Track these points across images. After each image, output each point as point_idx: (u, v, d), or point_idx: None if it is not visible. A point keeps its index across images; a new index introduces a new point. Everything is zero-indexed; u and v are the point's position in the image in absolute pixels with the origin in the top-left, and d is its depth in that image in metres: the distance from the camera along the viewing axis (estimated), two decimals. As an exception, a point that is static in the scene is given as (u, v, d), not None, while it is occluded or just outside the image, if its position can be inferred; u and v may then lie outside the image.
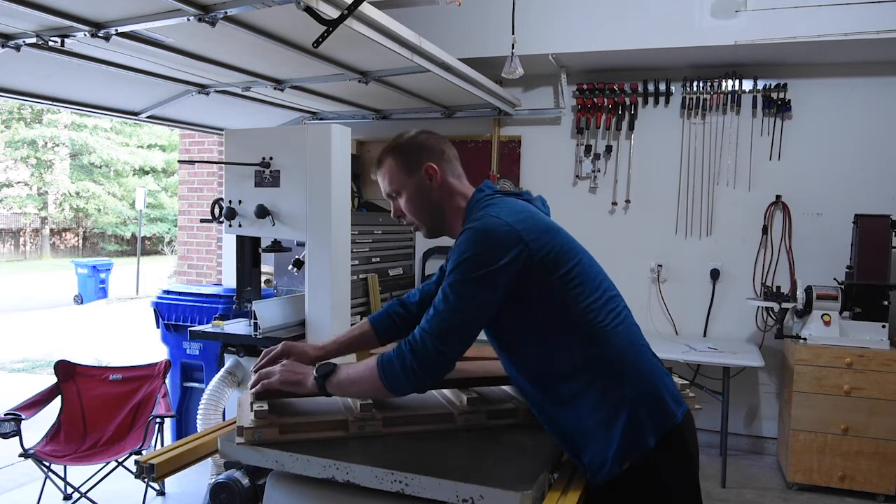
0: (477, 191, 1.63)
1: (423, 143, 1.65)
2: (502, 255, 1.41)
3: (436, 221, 1.66)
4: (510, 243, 1.42)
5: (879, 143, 4.14)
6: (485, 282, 1.41)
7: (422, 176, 1.61)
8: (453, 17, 4.37)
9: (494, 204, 1.53)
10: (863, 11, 3.61)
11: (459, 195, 1.64)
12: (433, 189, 1.62)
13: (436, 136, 1.69)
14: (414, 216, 1.66)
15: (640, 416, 1.41)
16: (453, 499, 1.31)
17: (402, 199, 1.65)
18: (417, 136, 1.67)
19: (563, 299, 1.45)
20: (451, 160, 1.66)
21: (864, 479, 3.63)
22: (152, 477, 1.56)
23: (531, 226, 1.46)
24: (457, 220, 1.63)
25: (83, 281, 12.76)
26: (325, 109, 4.88)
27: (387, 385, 1.47)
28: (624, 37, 4.11)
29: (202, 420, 2.86)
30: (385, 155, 1.66)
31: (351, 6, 2.37)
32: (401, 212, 1.67)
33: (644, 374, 1.46)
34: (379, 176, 1.68)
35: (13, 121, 20.08)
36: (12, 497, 3.60)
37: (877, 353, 3.61)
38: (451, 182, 1.64)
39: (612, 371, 1.44)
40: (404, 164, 1.63)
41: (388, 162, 1.65)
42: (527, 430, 1.66)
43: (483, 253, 1.41)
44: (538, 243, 1.44)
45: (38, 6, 2.39)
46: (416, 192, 1.63)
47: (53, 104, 3.87)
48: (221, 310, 3.66)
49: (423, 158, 1.62)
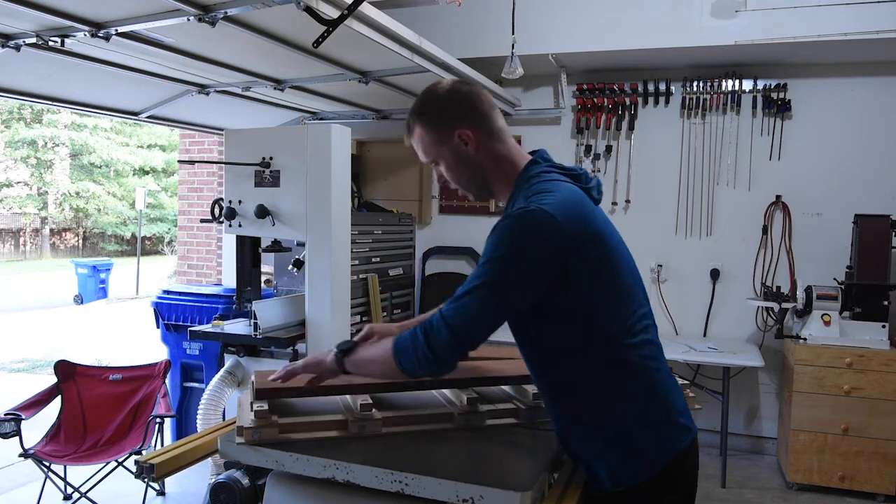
0: (532, 162, 1.48)
1: (451, 104, 1.48)
2: (541, 254, 1.30)
3: (481, 188, 1.53)
4: (553, 243, 1.30)
5: (879, 143, 4.14)
6: (516, 278, 1.32)
7: (455, 142, 1.47)
8: (453, 17, 4.37)
9: (548, 190, 1.38)
10: (863, 11, 3.61)
11: (504, 159, 1.49)
12: (471, 154, 1.47)
13: (465, 90, 1.49)
14: (457, 183, 1.54)
15: (647, 442, 1.39)
16: (453, 499, 1.31)
17: (442, 168, 1.53)
18: (444, 95, 1.49)
19: (591, 311, 1.38)
20: (486, 115, 1.48)
21: (864, 479, 3.63)
22: (152, 477, 1.56)
23: (580, 225, 1.34)
24: (503, 185, 1.49)
25: (83, 281, 12.76)
26: (325, 109, 4.88)
27: (401, 367, 1.40)
28: (624, 37, 4.11)
29: (202, 420, 2.86)
30: (413, 122, 1.52)
31: (351, 6, 2.37)
32: (444, 178, 1.55)
33: (658, 400, 1.41)
34: (412, 143, 1.55)
35: (13, 121, 20.07)
36: (12, 497, 3.60)
37: (877, 353, 3.61)
38: (492, 145, 1.47)
39: (626, 392, 1.39)
40: (434, 131, 1.48)
41: (416, 130, 1.51)
42: (527, 430, 1.66)
43: (521, 248, 1.31)
44: (582, 249, 1.34)
45: (38, 6, 2.38)
46: (454, 160, 1.49)
47: (53, 104, 3.86)
48: (221, 310, 3.66)
49: (455, 122, 1.46)
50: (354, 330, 3.83)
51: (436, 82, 1.54)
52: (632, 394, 1.39)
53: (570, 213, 1.34)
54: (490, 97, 1.51)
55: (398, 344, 1.41)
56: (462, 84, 1.52)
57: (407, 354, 1.39)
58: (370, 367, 1.50)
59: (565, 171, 1.48)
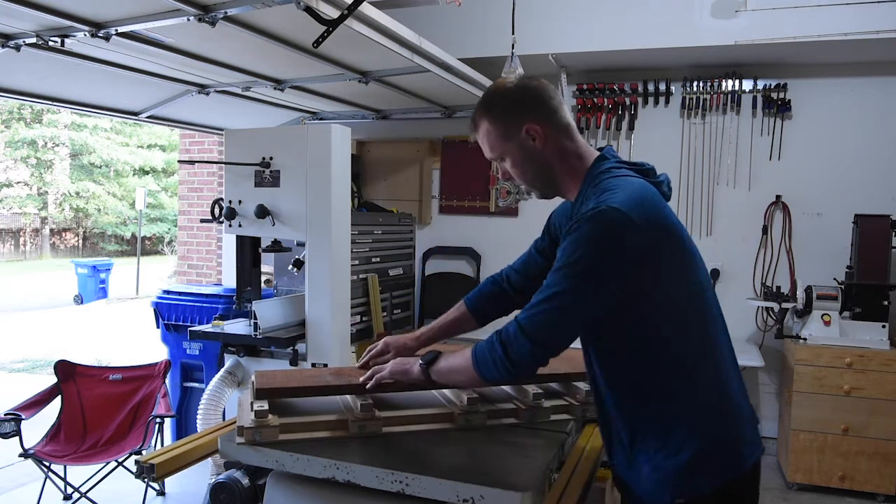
0: (599, 158, 1.45)
1: (519, 100, 1.44)
2: (617, 254, 1.27)
3: (547, 185, 1.50)
4: (628, 242, 1.27)
5: (879, 143, 4.14)
6: (593, 282, 1.28)
7: (523, 137, 1.43)
8: (453, 17, 4.36)
9: (618, 187, 1.34)
10: (863, 11, 3.61)
11: (572, 155, 1.45)
12: (539, 150, 1.44)
13: (533, 85, 1.46)
14: (522, 180, 1.50)
15: (708, 458, 1.32)
16: (453, 499, 1.31)
17: (507, 164, 1.49)
18: (513, 90, 1.46)
19: (667, 312, 1.34)
20: (555, 111, 1.44)
21: (864, 479, 3.63)
22: (152, 477, 1.56)
23: (654, 222, 1.30)
24: (571, 182, 1.46)
25: (83, 281, 12.76)
26: (325, 109, 4.88)
27: (482, 376, 1.42)
28: (624, 37, 4.11)
29: (202, 420, 2.86)
30: (479, 117, 1.48)
31: (351, 6, 2.37)
32: (509, 176, 1.52)
33: (725, 413, 1.36)
34: (477, 139, 1.51)
35: (13, 121, 20.07)
36: (12, 497, 3.60)
37: (877, 353, 3.61)
38: (560, 140, 1.44)
39: (693, 403, 1.34)
40: (501, 126, 1.45)
41: (483, 125, 1.48)
42: (527, 430, 1.66)
43: (597, 250, 1.28)
44: (657, 247, 1.31)
45: (38, 6, 2.39)
46: (521, 156, 1.45)
47: (53, 104, 3.87)
48: (221, 310, 3.66)
49: (523, 117, 1.43)
50: (355, 330, 3.86)
51: (503, 78, 1.50)
52: (701, 401, 1.35)
53: (644, 209, 1.30)
54: (558, 93, 1.48)
55: (477, 354, 1.42)
56: (530, 79, 1.49)
57: (487, 365, 1.39)
58: (454, 377, 1.52)
59: (634, 166, 1.45)
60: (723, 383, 1.38)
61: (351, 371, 1.87)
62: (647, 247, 1.28)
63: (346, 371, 1.89)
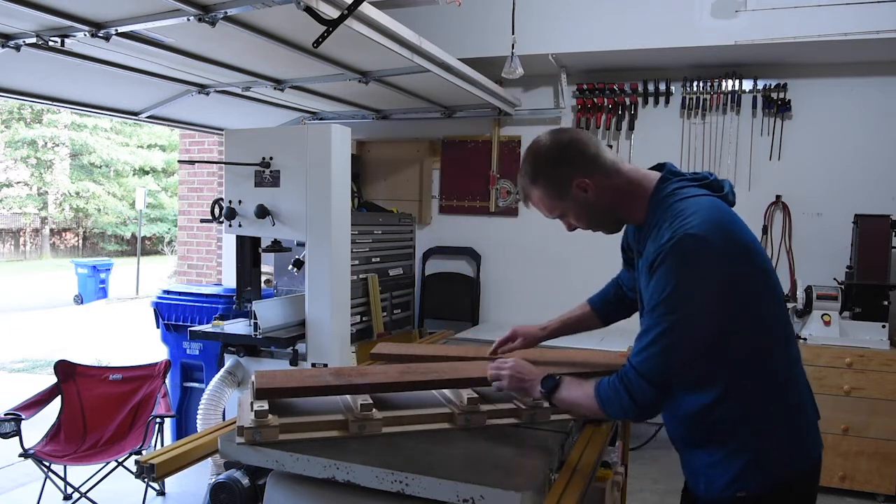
0: (661, 180, 1.46)
1: (560, 159, 1.47)
2: (707, 279, 1.31)
3: (612, 223, 1.56)
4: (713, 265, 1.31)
5: (879, 143, 4.14)
6: (691, 315, 1.33)
7: (575, 192, 1.47)
8: (453, 17, 4.36)
9: (689, 209, 1.36)
10: (863, 11, 3.61)
11: (626, 190, 1.48)
12: (594, 198, 1.48)
13: (567, 139, 1.50)
14: (590, 228, 1.56)
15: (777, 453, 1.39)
16: (453, 499, 1.31)
17: (571, 218, 1.54)
18: (551, 150, 1.49)
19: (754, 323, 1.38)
20: (595, 158, 1.46)
21: (864, 479, 3.63)
22: (152, 477, 1.56)
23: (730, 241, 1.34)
24: (635, 212, 1.49)
25: (83, 281, 12.76)
26: (325, 109, 4.88)
27: (608, 415, 1.48)
28: (624, 37, 4.11)
29: (202, 420, 2.86)
30: (528, 186, 1.53)
31: (351, 6, 2.37)
32: (574, 227, 1.57)
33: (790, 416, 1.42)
34: (534, 206, 1.56)
35: (13, 121, 20.07)
36: (12, 497, 3.60)
37: (877, 353, 3.61)
38: (610, 182, 1.47)
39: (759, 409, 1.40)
40: (552, 189, 1.49)
41: (534, 193, 1.52)
42: (527, 430, 1.66)
43: (686, 281, 1.32)
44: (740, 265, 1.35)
45: (38, 6, 2.39)
46: (579, 209, 1.50)
47: (53, 104, 3.87)
48: (221, 310, 3.66)
49: (570, 175, 1.46)
50: (355, 330, 3.86)
51: (535, 140, 1.53)
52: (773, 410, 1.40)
53: (720, 230, 1.33)
54: (591, 136, 1.52)
55: (601, 394, 1.45)
56: (561, 134, 1.53)
57: (612, 405, 1.44)
58: (577, 410, 1.59)
59: (697, 181, 1.47)
60: (798, 391, 1.45)
61: (351, 371, 1.88)
62: (730, 265, 1.33)
63: (346, 371, 1.89)
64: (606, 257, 4.95)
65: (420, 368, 1.88)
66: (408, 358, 2.18)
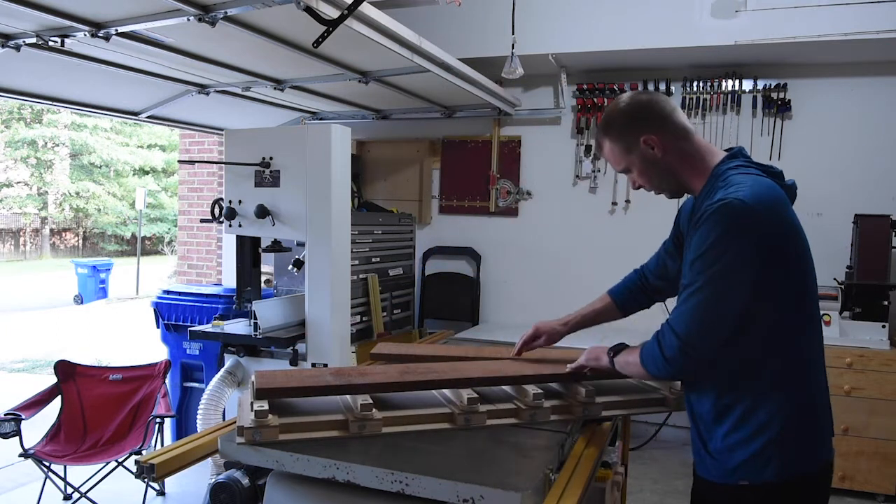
0: (730, 156, 1.53)
1: (633, 115, 1.56)
2: (746, 244, 1.36)
3: (673, 186, 1.60)
4: (752, 233, 1.36)
5: (879, 143, 4.14)
6: (727, 274, 1.37)
7: (642, 148, 1.54)
8: (453, 17, 4.36)
9: (745, 183, 1.41)
10: (863, 11, 3.61)
11: (691, 155, 1.54)
12: (659, 157, 1.54)
13: (644, 99, 1.59)
14: (650, 186, 1.61)
15: (783, 447, 1.41)
16: (453, 499, 1.31)
17: (634, 174, 1.61)
18: (626, 107, 1.58)
19: (774, 305, 1.42)
20: (668, 118, 1.54)
21: (864, 479, 3.63)
22: (152, 477, 1.56)
23: (775, 218, 1.39)
24: (695, 180, 1.55)
25: (83, 281, 12.76)
26: (325, 109, 4.88)
27: (648, 371, 1.53)
28: (624, 37, 4.11)
29: (202, 420, 2.86)
30: (601, 137, 1.62)
31: (351, 6, 2.37)
32: (638, 185, 1.64)
33: (807, 407, 1.46)
34: (604, 157, 1.67)
35: (13, 121, 20.07)
36: (12, 497, 3.60)
37: (877, 353, 3.61)
38: (678, 144, 1.54)
39: (779, 392, 1.42)
40: (621, 142, 1.57)
41: (606, 144, 1.61)
42: (527, 430, 1.66)
43: (724, 243, 1.36)
44: (778, 240, 1.39)
45: (38, 6, 2.39)
46: (644, 165, 1.57)
47: (53, 104, 3.87)
48: (221, 310, 3.66)
49: (639, 130, 1.54)
50: (355, 330, 3.86)
51: (617, 98, 1.63)
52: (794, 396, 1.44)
53: (768, 205, 1.38)
54: (669, 100, 1.59)
55: (643, 352, 1.54)
56: (641, 94, 1.62)
57: (649, 361, 1.51)
58: (630, 369, 1.64)
59: (763, 168, 1.51)
60: (818, 383, 1.50)
61: (351, 371, 1.88)
62: (770, 239, 1.38)
63: (346, 371, 1.89)
64: (606, 257, 4.94)
65: (420, 368, 1.88)
66: (408, 358, 2.18)
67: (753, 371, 1.43)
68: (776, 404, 1.41)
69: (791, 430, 1.41)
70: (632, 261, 1.90)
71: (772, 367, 1.42)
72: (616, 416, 1.91)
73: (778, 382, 1.42)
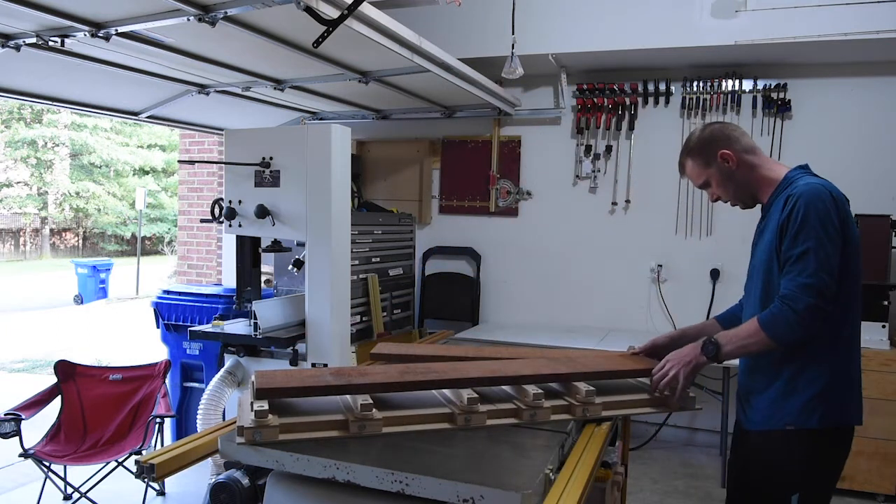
0: (797, 168, 1.84)
1: (710, 137, 1.89)
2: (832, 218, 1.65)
3: (747, 196, 1.90)
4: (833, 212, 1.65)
5: (879, 143, 4.14)
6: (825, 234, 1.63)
7: (719, 163, 1.87)
8: (453, 17, 4.37)
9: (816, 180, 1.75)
10: (863, 11, 3.61)
11: (760, 167, 1.87)
12: (735, 170, 1.86)
13: (719, 125, 1.92)
14: (727, 197, 1.92)
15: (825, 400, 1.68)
16: (453, 499, 1.31)
17: (713, 187, 1.92)
18: (702, 133, 1.92)
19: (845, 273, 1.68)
20: (739, 140, 1.87)
21: (864, 479, 3.63)
22: (152, 477, 1.56)
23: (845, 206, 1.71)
24: (764, 188, 1.86)
25: (83, 281, 12.77)
26: (325, 109, 4.89)
27: (771, 337, 1.67)
28: (624, 37, 4.11)
29: (202, 420, 2.86)
30: (684, 159, 1.96)
31: (351, 6, 2.37)
32: (716, 196, 1.94)
33: (846, 373, 1.72)
34: (687, 177, 1.98)
35: (13, 121, 20.08)
36: (12, 497, 3.60)
37: (877, 353, 3.61)
38: (748, 158, 1.86)
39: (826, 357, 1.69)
40: (701, 159, 1.90)
41: (688, 164, 1.94)
42: (527, 430, 1.66)
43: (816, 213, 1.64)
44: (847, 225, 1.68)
45: (38, 6, 2.39)
46: (721, 177, 1.89)
47: (53, 104, 3.87)
48: (221, 310, 3.66)
49: (716, 148, 1.87)
50: (355, 330, 3.86)
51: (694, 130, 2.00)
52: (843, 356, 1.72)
53: (838, 192, 1.72)
54: (739, 126, 1.94)
55: (763, 319, 1.69)
56: (713, 123, 1.95)
57: (774, 324, 1.66)
58: (747, 348, 1.74)
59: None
60: (856, 358, 1.77)
61: (351, 371, 1.88)
62: (844, 218, 1.68)
63: (346, 371, 1.89)
64: (606, 257, 4.93)
65: (420, 368, 1.88)
66: (408, 358, 2.18)
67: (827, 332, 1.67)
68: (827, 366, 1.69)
69: (834, 388, 1.68)
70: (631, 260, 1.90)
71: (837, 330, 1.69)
72: (616, 416, 1.91)
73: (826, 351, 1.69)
